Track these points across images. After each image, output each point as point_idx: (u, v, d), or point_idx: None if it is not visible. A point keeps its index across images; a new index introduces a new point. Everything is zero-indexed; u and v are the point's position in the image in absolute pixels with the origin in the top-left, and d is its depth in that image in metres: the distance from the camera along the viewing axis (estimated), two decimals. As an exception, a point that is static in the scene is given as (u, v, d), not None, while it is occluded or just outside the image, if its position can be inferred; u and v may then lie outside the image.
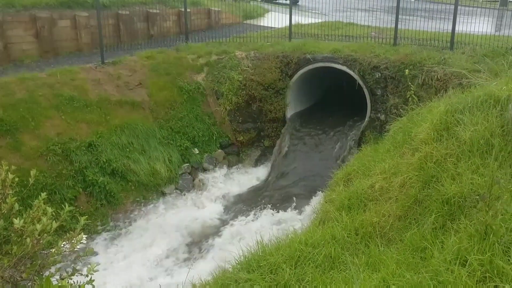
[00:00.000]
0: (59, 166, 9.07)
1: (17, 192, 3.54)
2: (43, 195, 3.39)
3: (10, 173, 3.37)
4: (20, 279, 3.04)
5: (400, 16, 12.37)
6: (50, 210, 3.27)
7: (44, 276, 3.05)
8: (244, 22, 18.53)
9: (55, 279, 3.07)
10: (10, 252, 3.08)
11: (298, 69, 12.15)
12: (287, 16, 14.15)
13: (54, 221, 3.21)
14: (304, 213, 9.49)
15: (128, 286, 7.75)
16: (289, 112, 12.55)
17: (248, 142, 12.59)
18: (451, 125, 5.47)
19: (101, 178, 9.43)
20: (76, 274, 3.19)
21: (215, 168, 11.75)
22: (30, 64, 11.38)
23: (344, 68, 11.58)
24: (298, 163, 11.50)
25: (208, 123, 12.09)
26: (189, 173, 11.19)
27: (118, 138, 10.15)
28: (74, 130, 9.67)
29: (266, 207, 10.15)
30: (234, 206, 10.41)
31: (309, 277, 4.30)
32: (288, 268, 4.42)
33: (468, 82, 8.66)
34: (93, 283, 3.09)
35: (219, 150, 12.11)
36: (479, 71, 9.14)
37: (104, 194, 9.44)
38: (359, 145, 10.82)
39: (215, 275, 5.03)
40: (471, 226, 3.94)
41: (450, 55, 10.65)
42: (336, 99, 13.97)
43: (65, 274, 3.18)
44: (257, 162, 12.32)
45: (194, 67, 12.61)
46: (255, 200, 10.56)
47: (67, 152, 9.27)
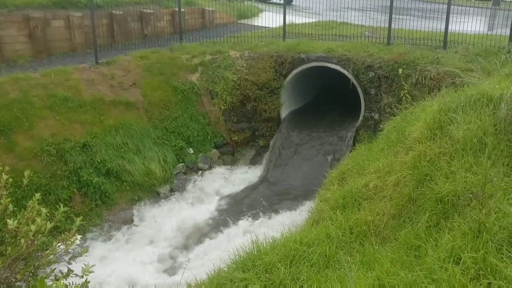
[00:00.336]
0: (54, 167, 9.03)
1: (11, 193, 3.53)
2: (38, 195, 3.38)
3: (4, 173, 3.36)
4: (15, 280, 3.03)
5: (393, 16, 12.42)
6: (44, 210, 3.27)
7: (38, 277, 3.04)
8: (238, 21, 18.53)
9: (49, 280, 3.07)
10: (4, 253, 3.07)
11: (292, 68, 12.17)
12: (281, 16, 14.16)
13: (49, 221, 3.21)
14: (299, 212, 9.51)
15: (123, 286, 7.73)
16: (283, 111, 12.57)
17: (243, 142, 12.59)
18: (444, 124, 5.50)
19: (95, 178, 9.41)
20: (71, 275, 3.18)
21: (210, 168, 11.75)
22: (23, 64, 11.32)
23: (338, 67, 11.61)
24: (292, 162, 11.52)
25: (202, 123, 12.08)
26: (184, 173, 11.18)
27: (113, 138, 10.12)
28: (68, 130, 9.64)
29: (261, 206, 10.16)
30: (229, 206, 10.40)
31: (304, 276, 4.31)
32: (283, 267, 4.43)
33: (461, 81, 8.71)
34: (88, 284, 3.08)
35: (214, 150, 12.11)
36: (472, 70, 9.19)
37: (99, 195, 9.41)
38: (354, 144, 10.86)
39: (210, 274, 5.03)
40: (464, 224, 3.97)
41: (443, 54, 10.71)
42: (330, 99, 14.01)
43: (60, 275, 3.18)
44: (252, 162, 12.33)
45: (188, 67, 12.59)
46: (250, 199, 10.56)
47: (61, 152, 9.24)
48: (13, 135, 8.92)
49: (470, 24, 11.97)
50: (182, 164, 11.21)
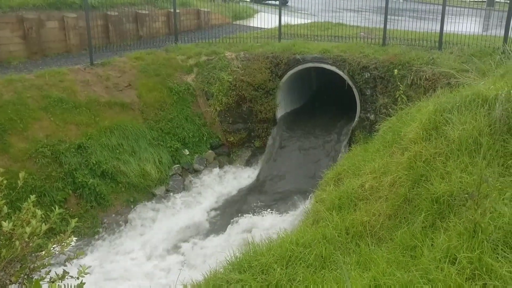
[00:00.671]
0: (49, 168, 8.99)
1: (5, 195, 3.51)
2: (32, 197, 3.36)
3: (-1, 175, 3.34)
4: (9, 282, 3.01)
5: (388, 17, 12.45)
6: (39, 212, 3.25)
7: (33, 279, 3.02)
8: (234, 22, 18.53)
9: (45, 282, 3.05)
10: (-1, 255, 3.05)
11: (288, 69, 12.18)
12: (277, 17, 14.17)
13: (44, 223, 3.18)
14: (295, 213, 9.51)
15: (117, 286, 7.71)
16: (279, 112, 12.57)
17: (239, 143, 12.58)
18: (439, 124, 5.52)
19: (91, 180, 9.37)
20: (66, 277, 3.17)
21: (206, 169, 11.73)
22: (17, 66, 11.26)
23: (333, 68, 11.63)
24: (288, 163, 11.53)
25: (198, 124, 12.07)
26: (179, 174, 11.15)
27: (108, 140, 10.08)
28: (63, 131, 9.59)
29: (257, 207, 10.15)
30: (225, 207, 10.40)
31: (300, 276, 4.31)
32: (279, 268, 4.43)
33: (456, 81, 8.75)
34: (83, 285, 3.06)
35: (210, 151, 12.09)
36: (467, 71, 9.23)
37: (94, 196, 9.37)
38: (349, 145, 10.88)
39: (206, 276, 5.02)
40: (460, 224, 3.98)
41: (438, 55, 10.75)
42: (326, 99, 14.03)
43: (55, 277, 3.16)
44: (247, 163, 12.31)
45: (184, 68, 12.58)
46: (246, 200, 10.55)
47: (56, 154, 9.19)
48: (7, 137, 8.87)
49: (465, 25, 12.02)
50: (177, 165, 11.19)
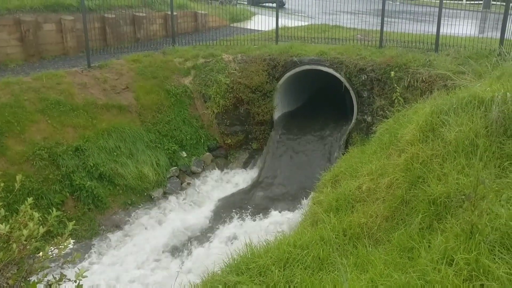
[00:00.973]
0: (46, 171, 8.97)
1: (2, 198, 3.51)
2: (30, 200, 3.35)
3: (-4, 178, 3.34)
4: (7, 285, 3.01)
5: (385, 19, 12.49)
6: (37, 215, 3.24)
7: (31, 282, 3.02)
8: (231, 25, 18.55)
9: (42, 285, 3.04)
10: (-4, 258, 3.04)
11: (285, 71, 12.19)
12: (274, 19, 14.19)
13: (41, 226, 3.18)
14: (293, 215, 9.52)
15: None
16: (276, 114, 12.58)
17: (236, 145, 12.59)
18: (436, 126, 5.54)
19: (88, 182, 9.35)
20: (64, 280, 3.16)
21: (203, 171, 11.72)
22: (14, 68, 11.26)
23: (330, 70, 11.65)
24: (285, 165, 11.53)
25: (195, 126, 12.07)
26: (177, 176, 11.15)
27: (105, 142, 10.07)
28: (60, 134, 9.58)
29: (255, 209, 10.16)
30: (223, 209, 10.38)
31: (298, 278, 4.31)
32: (277, 270, 4.44)
33: (453, 83, 8.78)
34: (81, 288, 3.06)
35: (207, 153, 12.09)
36: (463, 73, 9.26)
37: (92, 199, 9.35)
38: (346, 146, 10.89)
39: (204, 278, 5.02)
40: (457, 225, 3.99)
41: (435, 57, 10.78)
42: (323, 101, 14.05)
43: (52, 280, 3.15)
44: (245, 165, 12.31)
45: (181, 70, 12.58)
46: (244, 203, 10.55)
47: (53, 156, 9.18)
48: (4, 140, 8.85)
49: (461, 27, 12.06)
50: (175, 167, 11.18)
